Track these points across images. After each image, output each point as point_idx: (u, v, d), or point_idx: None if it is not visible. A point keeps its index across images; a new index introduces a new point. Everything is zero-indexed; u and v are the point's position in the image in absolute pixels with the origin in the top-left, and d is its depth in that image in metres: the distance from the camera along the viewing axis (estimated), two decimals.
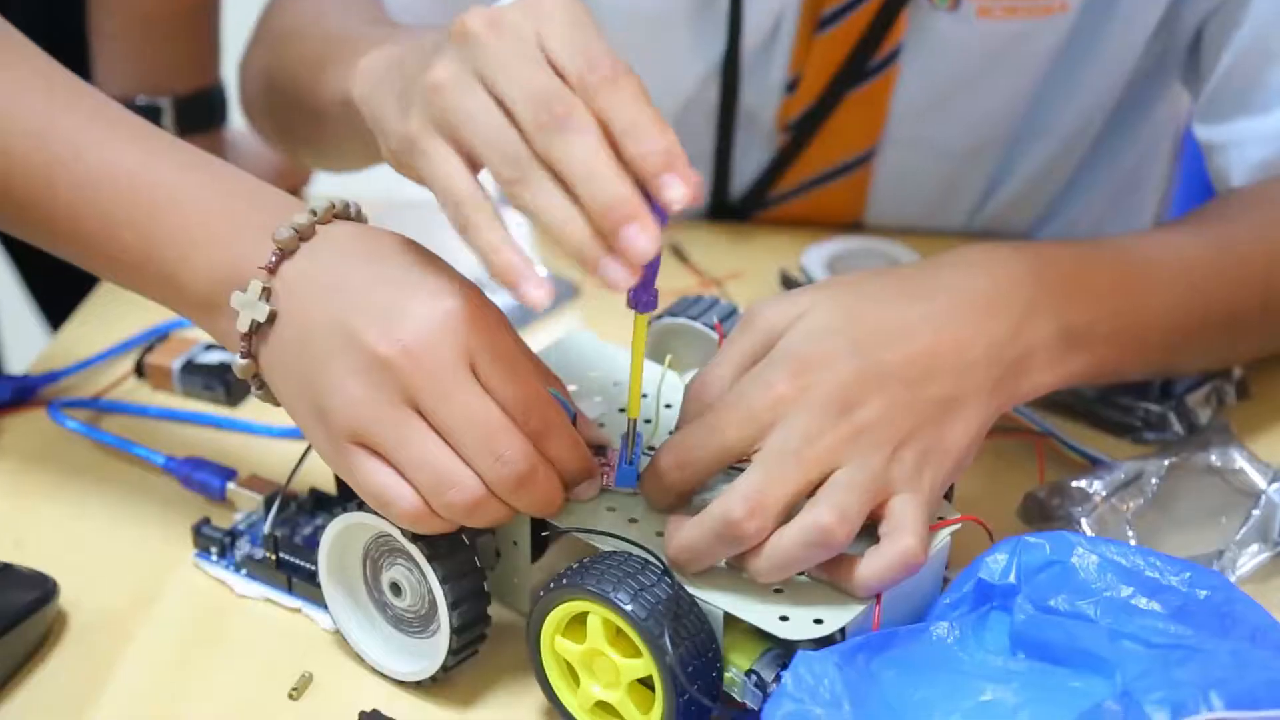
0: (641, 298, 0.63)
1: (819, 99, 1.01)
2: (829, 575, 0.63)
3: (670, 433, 0.68)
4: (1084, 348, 0.71)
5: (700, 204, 0.58)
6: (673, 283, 0.98)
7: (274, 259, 0.65)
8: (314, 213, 0.66)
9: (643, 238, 0.57)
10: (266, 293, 0.64)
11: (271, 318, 0.64)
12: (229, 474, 0.79)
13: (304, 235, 0.65)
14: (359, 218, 0.68)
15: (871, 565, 0.62)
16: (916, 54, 0.98)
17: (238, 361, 0.66)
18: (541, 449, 0.63)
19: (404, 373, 0.61)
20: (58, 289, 1.14)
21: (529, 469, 0.62)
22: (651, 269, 0.61)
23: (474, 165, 0.61)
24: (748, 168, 1.08)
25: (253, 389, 0.67)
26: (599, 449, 0.69)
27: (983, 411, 0.67)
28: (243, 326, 0.65)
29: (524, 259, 0.59)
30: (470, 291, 0.63)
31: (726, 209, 1.10)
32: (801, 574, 0.64)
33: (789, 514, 0.62)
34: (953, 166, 1.06)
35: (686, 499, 0.66)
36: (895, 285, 0.69)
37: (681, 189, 0.57)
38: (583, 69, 0.58)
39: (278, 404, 0.67)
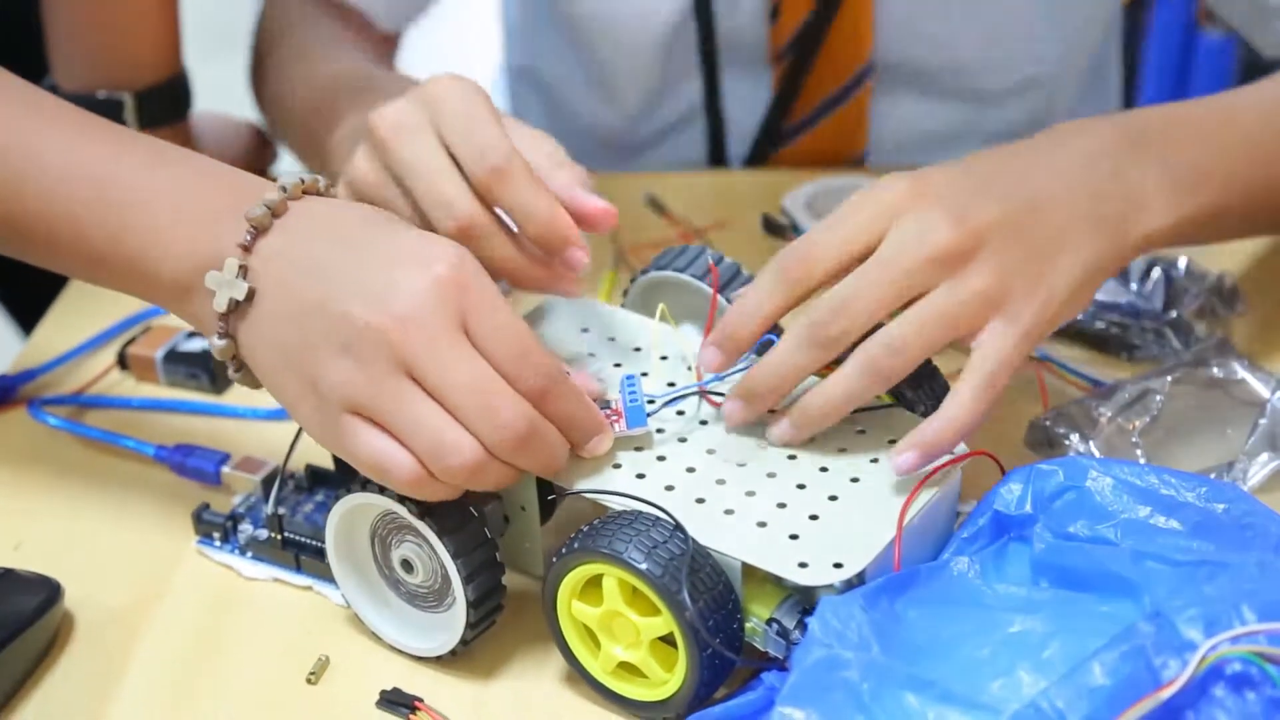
0: None
1: (806, 21, 1.01)
2: (906, 448, 0.65)
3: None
4: (1196, 192, 0.72)
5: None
6: (653, 235, 0.97)
7: (249, 237, 0.64)
8: (285, 189, 0.65)
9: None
10: (243, 271, 0.63)
11: (250, 296, 0.63)
12: (222, 458, 0.78)
13: (277, 212, 0.64)
14: (328, 193, 0.67)
15: (936, 421, 0.64)
16: None
17: (216, 343, 0.65)
18: (542, 405, 0.62)
19: (399, 342, 0.60)
20: (27, 293, 1.12)
21: (528, 429, 0.61)
22: None
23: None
24: (751, 114, 1.08)
25: (230, 371, 0.66)
26: (604, 403, 0.68)
27: (1093, 248, 0.68)
28: (220, 306, 0.64)
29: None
30: (457, 253, 0.63)
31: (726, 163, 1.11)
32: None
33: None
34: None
35: (806, 296, 0.67)
36: (992, 150, 0.71)
37: (581, 255, 0.69)
38: (475, 161, 0.68)
39: (258, 385, 0.66)
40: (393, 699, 0.65)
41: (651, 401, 0.69)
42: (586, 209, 0.70)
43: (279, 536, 0.71)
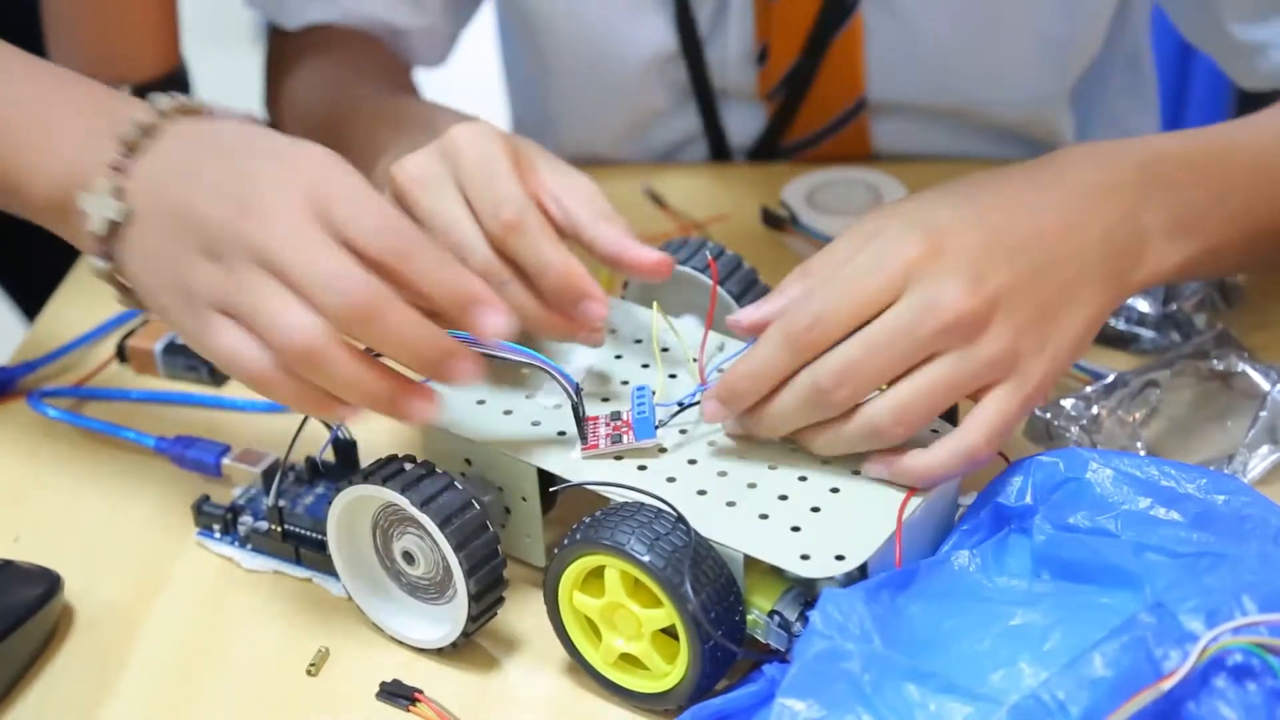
0: None
1: (794, 64, 1.01)
2: (882, 460, 0.65)
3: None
4: (1198, 233, 0.71)
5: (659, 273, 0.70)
6: (652, 228, 0.97)
7: (121, 156, 0.64)
8: (162, 113, 0.66)
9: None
10: (118, 191, 0.64)
11: (128, 217, 0.64)
12: (223, 450, 0.78)
13: (149, 132, 0.65)
14: (206, 113, 0.68)
15: (929, 458, 0.64)
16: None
17: (95, 264, 0.65)
18: (403, 272, 0.61)
19: (254, 236, 0.60)
20: (32, 279, 1.12)
21: (372, 297, 0.59)
22: None
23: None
24: (748, 136, 1.08)
25: (115, 295, 0.67)
26: (615, 414, 0.68)
27: (1098, 299, 0.67)
28: (96, 228, 0.64)
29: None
30: (322, 153, 0.64)
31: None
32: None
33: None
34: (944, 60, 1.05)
35: (815, 358, 0.64)
36: (1009, 174, 0.70)
37: (596, 307, 0.68)
38: (488, 214, 0.68)
39: (144, 307, 0.67)
40: (393, 690, 0.65)
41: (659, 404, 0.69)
42: (638, 261, 0.69)
43: (279, 528, 0.71)
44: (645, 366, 0.72)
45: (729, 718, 0.61)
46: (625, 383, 0.71)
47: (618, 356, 0.73)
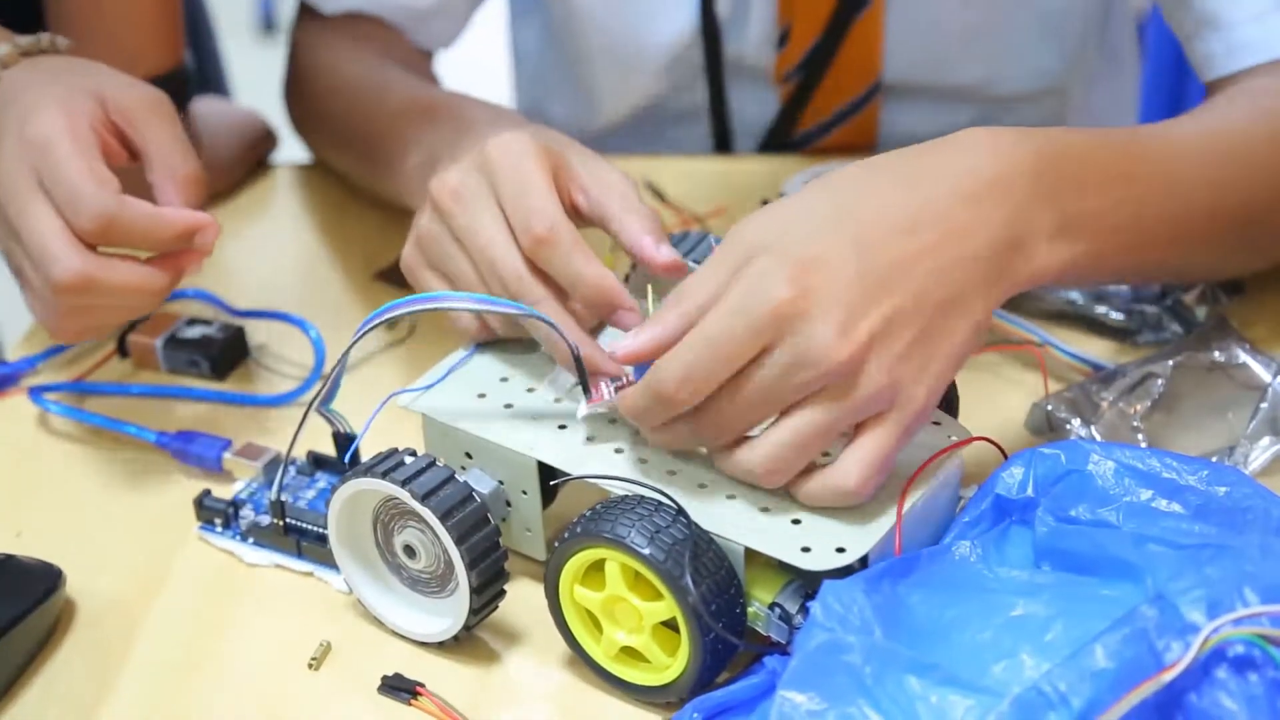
0: None
1: (814, 46, 1.01)
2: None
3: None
4: (1086, 236, 0.67)
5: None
6: None
7: None
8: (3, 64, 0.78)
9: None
10: None
11: None
12: (224, 444, 0.78)
13: None
14: (52, 50, 0.79)
15: (809, 488, 0.63)
16: None
17: None
18: (110, 239, 0.73)
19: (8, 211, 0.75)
20: None
21: (76, 278, 0.72)
22: None
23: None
24: (758, 121, 1.08)
25: None
26: (615, 381, 0.68)
27: (983, 304, 0.64)
28: None
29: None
30: (49, 115, 0.74)
31: None
32: None
33: None
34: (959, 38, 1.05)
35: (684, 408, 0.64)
36: (892, 171, 0.66)
37: (629, 317, 0.69)
38: (521, 229, 0.69)
39: None
40: (395, 684, 0.65)
41: None
42: (652, 259, 0.69)
43: (281, 522, 0.71)
44: None
45: (730, 710, 0.61)
46: None
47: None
